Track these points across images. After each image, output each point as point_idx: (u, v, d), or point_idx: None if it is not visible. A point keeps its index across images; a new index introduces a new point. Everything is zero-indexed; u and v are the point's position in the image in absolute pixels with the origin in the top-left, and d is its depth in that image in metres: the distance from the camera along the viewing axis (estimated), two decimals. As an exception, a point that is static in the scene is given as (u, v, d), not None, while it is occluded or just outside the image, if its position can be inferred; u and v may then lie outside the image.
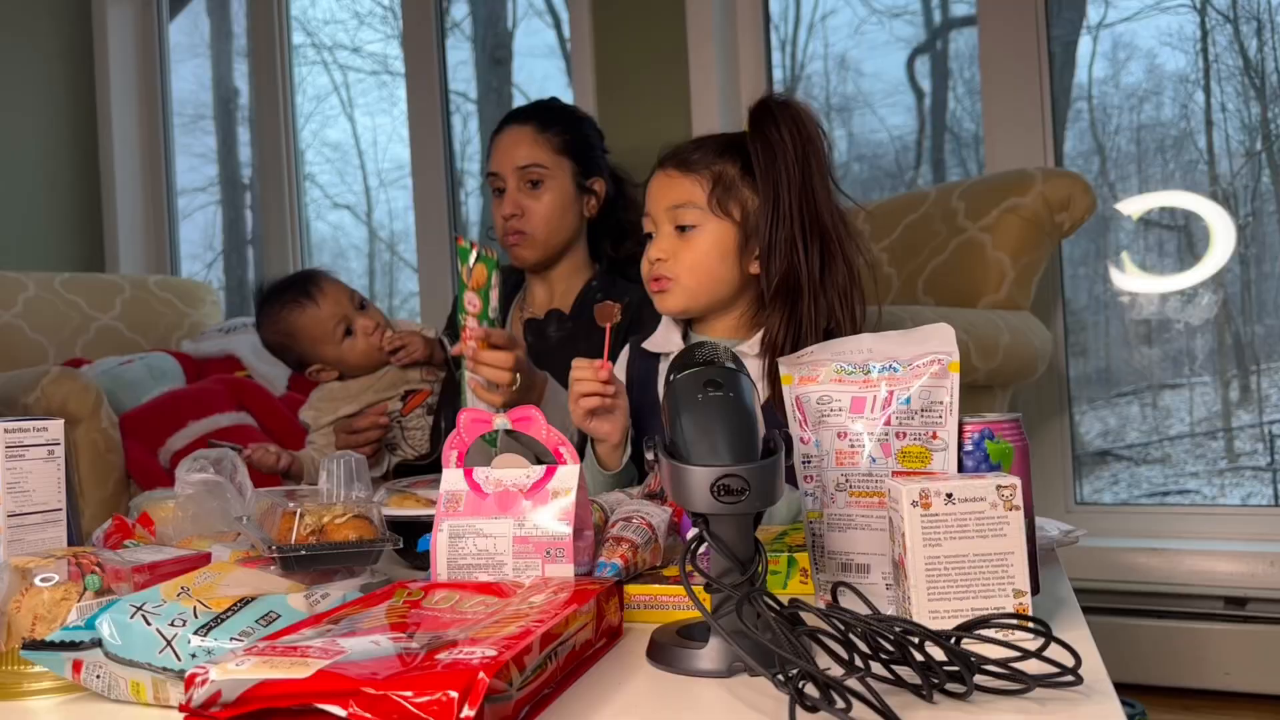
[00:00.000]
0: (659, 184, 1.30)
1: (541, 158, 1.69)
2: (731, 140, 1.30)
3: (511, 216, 1.69)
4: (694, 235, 1.26)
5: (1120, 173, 2.28)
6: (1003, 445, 0.83)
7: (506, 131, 1.73)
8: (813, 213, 1.24)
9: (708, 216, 1.26)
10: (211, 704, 0.58)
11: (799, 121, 1.25)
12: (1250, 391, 2.16)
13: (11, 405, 1.88)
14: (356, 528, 0.94)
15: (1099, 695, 0.64)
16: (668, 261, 1.27)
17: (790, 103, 1.27)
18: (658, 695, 0.69)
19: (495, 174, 1.72)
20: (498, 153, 1.72)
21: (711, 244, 1.26)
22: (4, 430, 0.96)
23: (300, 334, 1.75)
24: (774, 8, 2.55)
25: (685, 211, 1.26)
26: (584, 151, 1.75)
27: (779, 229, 1.23)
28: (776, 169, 1.23)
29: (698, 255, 1.26)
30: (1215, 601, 1.94)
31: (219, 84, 3.41)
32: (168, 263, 3.32)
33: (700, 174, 1.27)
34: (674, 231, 1.27)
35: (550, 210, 1.69)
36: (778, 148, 1.24)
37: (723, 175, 1.26)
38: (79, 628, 0.70)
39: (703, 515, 0.71)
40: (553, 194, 1.69)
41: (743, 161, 1.27)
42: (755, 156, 1.25)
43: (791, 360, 0.91)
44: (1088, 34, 2.28)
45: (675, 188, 1.28)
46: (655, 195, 1.30)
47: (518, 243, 1.70)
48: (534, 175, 1.69)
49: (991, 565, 0.75)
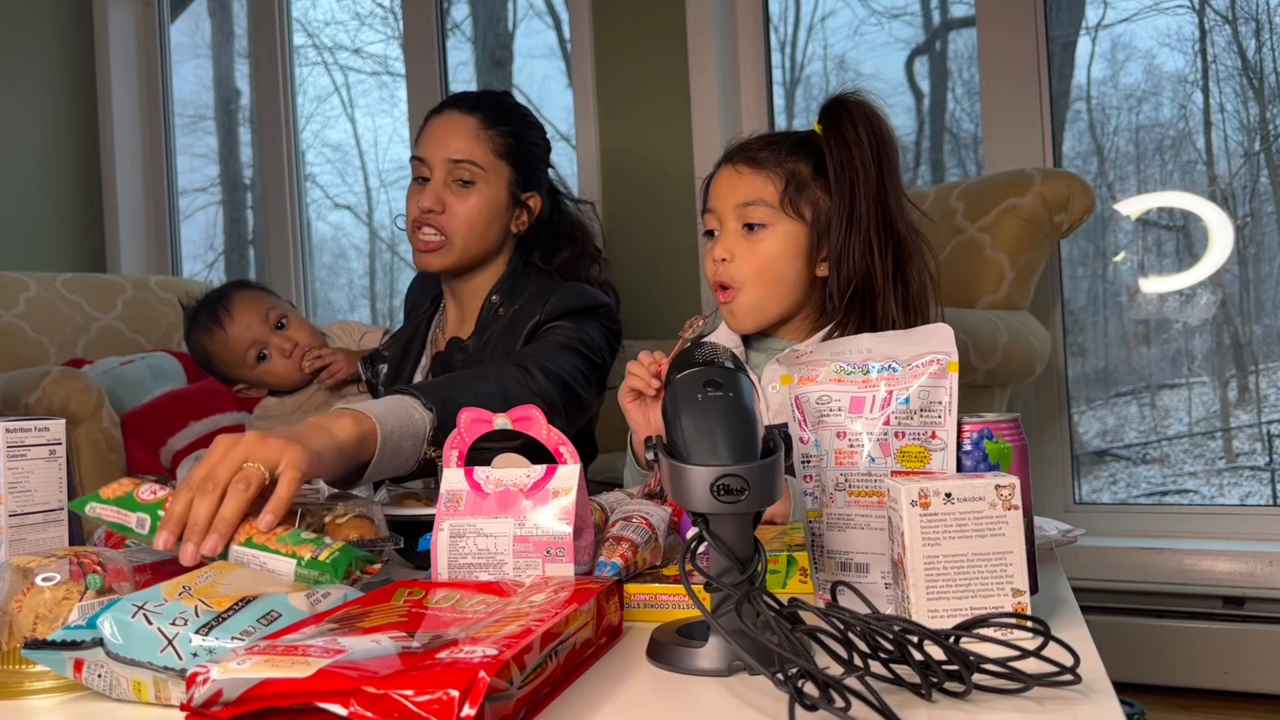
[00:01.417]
0: (727, 180, 1.25)
1: (479, 155, 1.52)
2: (802, 138, 1.25)
3: (430, 211, 1.51)
4: (763, 235, 1.22)
5: (1119, 173, 2.28)
6: (1001, 445, 0.83)
7: (446, 116, 1.55)
8: (886, 216, 1.19)
9: (779, 216, 1.22)
10: (213, 703, 0.58)
11: (874, 121, 1.21)
12: (1249, 391, 2.16)
13: (13, 405, 1.89)
14: (358, 527, 0.94)
15: (1098, 694, 0.64)
16: (733, 262, 1.23)
17: (865, 101, 1.22)
18: (657, 694, 0.69)
19: (422, 160, 1.54)
20: (431, 137, 1.54)
21: (781, 245, 1.22)
22: (5, 430, 0.96)
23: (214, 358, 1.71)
24: (774, 9, 2.55)
25: (755, 209, 1.22)
26: (525, 160, 1.58)
27: (854, 232, 1.18)
28: (853, 169, 1.19)
29: (766, 256, 1.22)
30: (1214, 601, 1.94)
31: (220, 85, 3.41)
32: (169, 263, 3.32)
33: (772, 171, 1.22)
34: (741, 230, 1.23)
35: (475, 215, 1.52)
36: (854, 147, 1.19)
37: (795, 173, 1.22)
38: (80, 627, 0.70)
39: (702, 515, 0.72)
40: (482, 198, 1.52)
41: (815, 160, 1.22)
42: (830, 155, 1.20)
43: (791, 360, 0.91)
44: (1086, 35, 2.28)
45: (745, 184, 1.23)
46: (722, 192, 1.25)
47: (428, 246, 1.52)
48: (466, 173, 1.52)
49: (990, 565, 0.75)
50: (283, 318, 1.72)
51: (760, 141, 1.26)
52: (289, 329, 1.71)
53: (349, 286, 3.29)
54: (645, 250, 2.46)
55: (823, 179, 1.22)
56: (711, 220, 1.27)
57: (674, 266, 2.39)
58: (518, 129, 1.58)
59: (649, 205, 2.44)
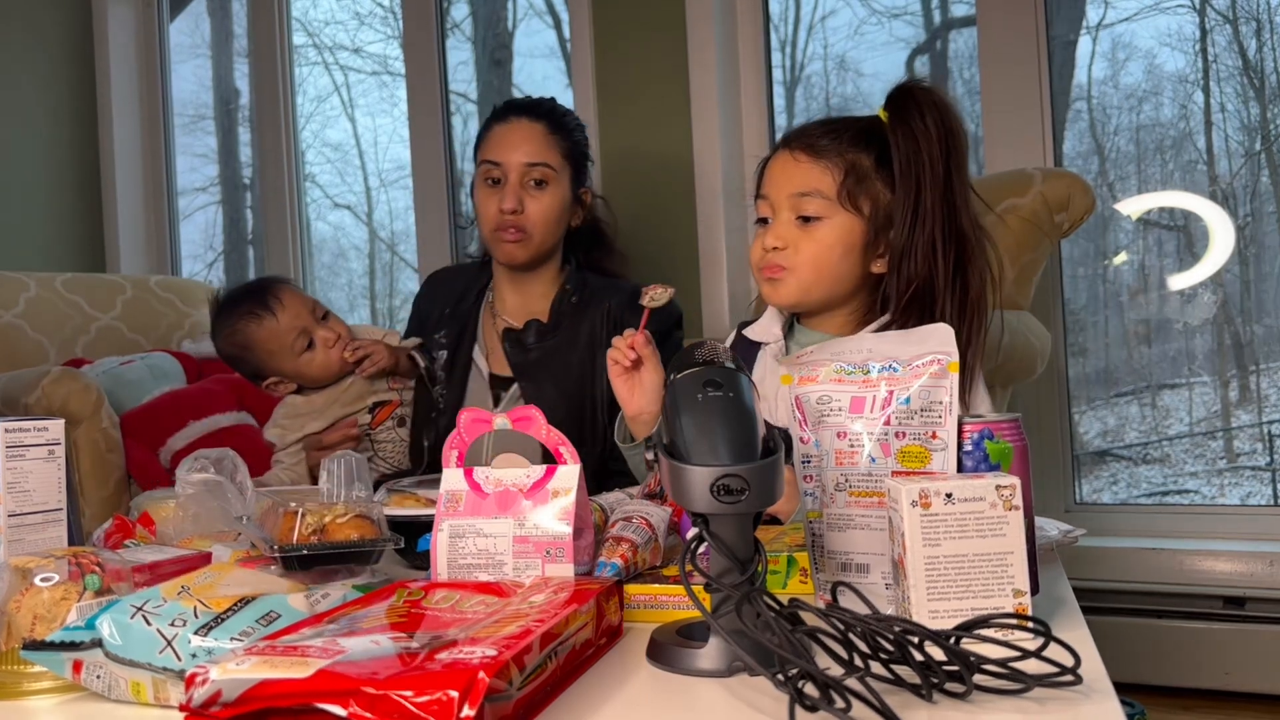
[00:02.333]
0: (782, 166, 1.20)
1: (551, 159, 1.66)
2: (865, 126, 1.19)
3: (513, 212, 1.64)
4: (817, 227, 1.17)
5: (1119, 173, 2.28)
6: (1002, 445, 0.83)
7: (516, 123, 1.68)
8: (952, 213, 1.14)
9: (835, 208, 1.16)
10: (212, 703, 0.58)
11: (944, 112, 1.15)
12: (1249, 391, 2.16)
13: (12, 405, 1.89)
14: (358, 527, 0.94)
15: (1098, 695, 0.64)
16: (785, 250, 1.18)
17: (935, 90, 1.17)
18: (657, 694, 0.69)
19: (496, 164, 1.66)
20: (503, 143, 1.67)
21: (836, 238, 1.16)
22: (5, 430, 0.96)
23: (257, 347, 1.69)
24: (774, 8, 2.55)
25: (810, 200, 1.17)
26: (581, 161, 1.74)
27: (919, 230, 1.13)
28: (920, 163, 1.13)
29: (820, 248, 1.17)
30: (1214, 601, 1.94)
31: (220, 84, 3.41)
32: (168, 263, 3.32)
33: (831, 161, 1.17)
34: (794, 220, 1.18)
35: (550, 212, 1.67)
36: (922, 139, 1.14)
37: (856, 165, 1.16)
38: (79, 628, 0.70)
39: (702, 515, 0.71)
40: (554, 197, 1.67)
41: (878, 151, 1.17)
42: (896, 147, 1.15)
43: (791, 360, 0.91)
44: (1087, 34, 2.28)
45: (802, 173, 1.17)
46: (777, 179, 1.20)
47: (516, 239, 1.65)
48: (541, 175, 1.65)
49: (991, 565, 0.75)
50: (326, 311, 1.75)
51: (821, 128, 1.20)
52: (331, 322, 1.74)
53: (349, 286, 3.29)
54: (645, 250, 2.46)
55: (885, 171, 1.16)
56: (764, 207, 1.21)
57: (674, 266, 2.39)
58: (576, 132, 1.74)
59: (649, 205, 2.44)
